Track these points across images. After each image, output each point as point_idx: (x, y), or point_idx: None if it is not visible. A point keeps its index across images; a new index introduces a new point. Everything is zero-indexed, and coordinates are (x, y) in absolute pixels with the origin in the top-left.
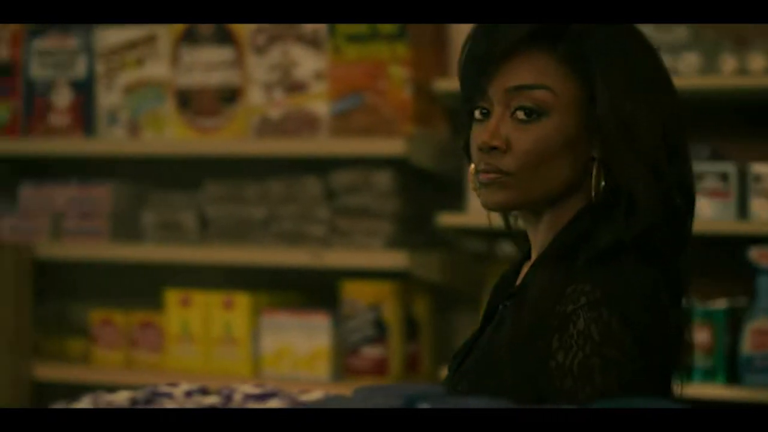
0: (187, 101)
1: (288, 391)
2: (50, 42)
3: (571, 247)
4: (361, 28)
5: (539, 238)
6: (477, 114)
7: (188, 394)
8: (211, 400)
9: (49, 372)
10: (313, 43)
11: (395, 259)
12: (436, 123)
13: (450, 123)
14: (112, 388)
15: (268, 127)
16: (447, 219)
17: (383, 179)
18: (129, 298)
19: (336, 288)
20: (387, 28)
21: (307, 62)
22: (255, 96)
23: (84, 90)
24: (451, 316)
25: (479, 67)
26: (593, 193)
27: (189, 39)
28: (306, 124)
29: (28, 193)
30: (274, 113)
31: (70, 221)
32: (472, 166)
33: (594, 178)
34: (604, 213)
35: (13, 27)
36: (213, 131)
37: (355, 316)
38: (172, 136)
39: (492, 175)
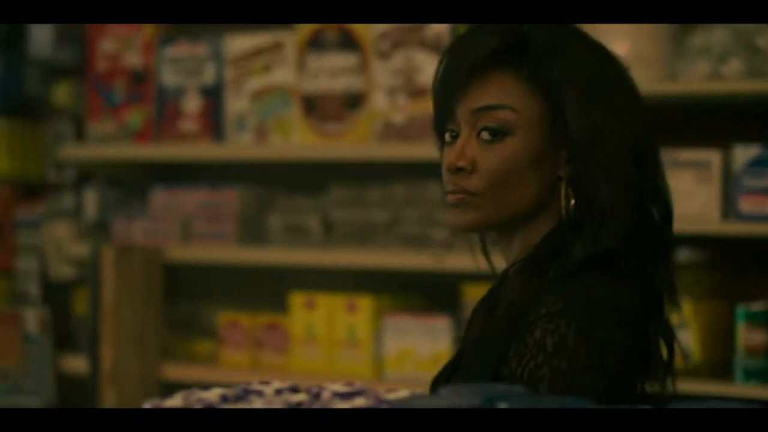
0: (313, 107)
1: (374, 390)
2: (181, 49)
3: (543, 263)
4: None
5: (513, 258)
6: (447, 136)
7: (278, 391)
8: (299, 398)
9: (177, 372)
10: (436, 48)
11: None
12: None
13: None
14: None
15: (391, 132)
16: None
17: None
18: (255, 300)
19: (457, 291)
20: None
21: (429, 67)
22: (379, 101)
23: (213, 96)
24: None
25: (447, 90)
26: (563, 211)
27: (314, 45)
28: (428, 128)
29: (159, 197)
30: (398, 118)
31: (199, 225)
32: None
33: (562, 197)
34: (577, 228)
35: (145, 35)
36: (337, 136)
37: None
38: (298, 141)
39: (459, 196)
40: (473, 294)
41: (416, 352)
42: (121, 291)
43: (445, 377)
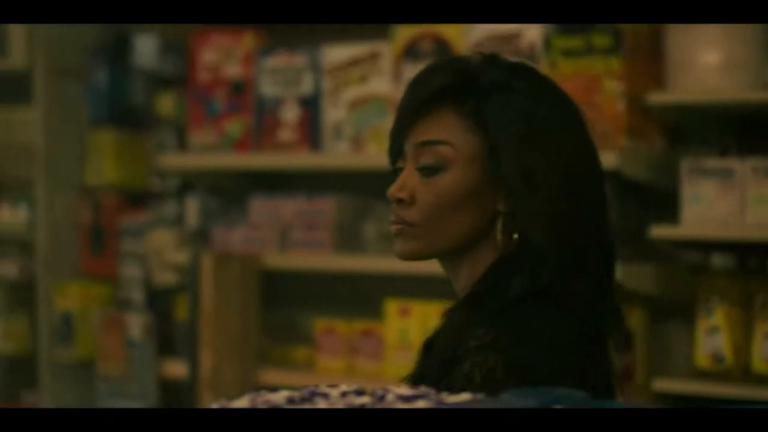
0: None
1: (437, 394)
2: (279, 60)
3: (480, 298)
4: (576, 42)
5: (459, 288)
6: (396, 169)
7: (343, 394)
8: (363, 401)
9: (274, 378)
10: (529, 58)
11: None
12: (650, 136)
13: (664, 136)
14: None
15: None
16: (660, 231)
17: None
18: (351, 307)
19: None
20: (602, 41)
21: None
22: None
23: (311, 106)
24: (666, 327)
25: (397, 125)
26: (501, 246)
27: (410, 55)
28: None
29: (257, 205)
30: None
31: (296, 232)
32: None
33: (499, 231)
34: (516, 263)
35: (245, 46)
36: None
37: None
38: None
39: (399, 226)
40: None
41: None
42: (220, 297)
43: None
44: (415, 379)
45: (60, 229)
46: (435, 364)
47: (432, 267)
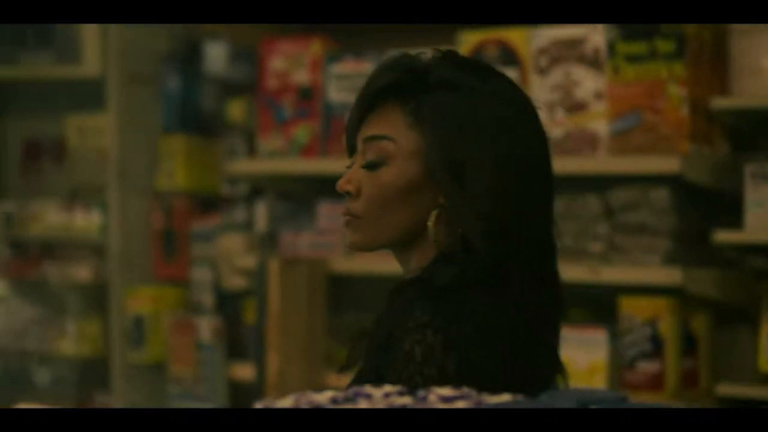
0: None
1: (478, 395)
2: (346, 66)
3: (420, 283)
4: (640, 47)
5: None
6: (349, 163)
7: (386, 395)
8: (404, 401)
9: (340, 380)
10: (594, 63)
11: (671, 276)
12: (713, 140)
13: (728, 141)
14: None
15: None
16: (724, 236)
17: (660, 196)
18: None
19: (613, 303)
20: (665, 46)
21: (587, 82)
22: None
23: None
24: (730, 332)
25: (349, 121)
26: (441, 239)
27: None
28: (586, 142)
29: (325, 210)
30: (556, 132)
31: None
32: None
33: (432, 225)
34: (450, 256)
35: (312, 53)
36: None
37: (631, 332)
38: None
39: (347, 218)
40: (628, 306)
41: (573, 362)
42: (287, 301)
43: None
44: (362, 363)
45: (132, 234)
46: (373, 346)
47: None
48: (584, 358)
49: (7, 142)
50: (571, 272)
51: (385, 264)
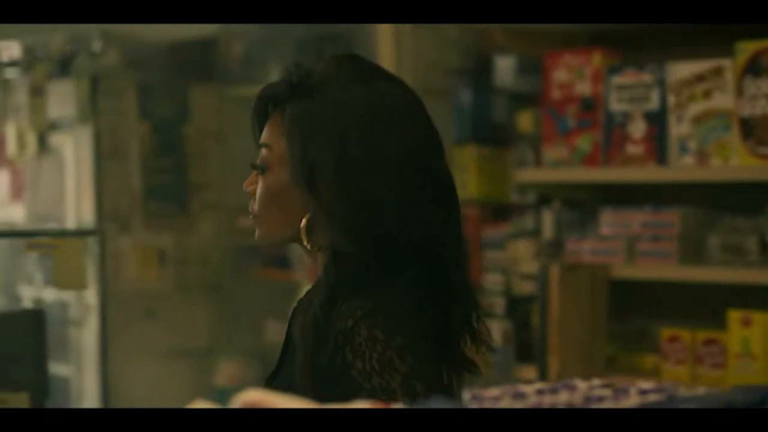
0: (750, 130)
1: (675, 389)
2: (627, 78)
3: (318, 288)
4: None
5: (320, 272)
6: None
7: (591, 387)
8: (604, 393)
9: (619, 383)
10: None
11: None
12: None
13: None
14: None
15: None
16: None
17: None
18: (695, 316)
19: None
20: None
21: None
22: None
23: (657, 121)
24: None
25: (253, 126)
26: (306, 241)
27: (752, 70)
28: None
29: (607, 217)
30: None
31: (643, 244)
32: None
33: (302, 227)
34: (333, 256)
35: (594, 65)
36: None
37: None
38: (736, 163)
39: (250, 216)
40: None
41: None
42: (567, 306)
43: (271, 376)
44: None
45: None
46: (309, 345)
47: None
48: None
49: None
50: None
51: (667, 270)
